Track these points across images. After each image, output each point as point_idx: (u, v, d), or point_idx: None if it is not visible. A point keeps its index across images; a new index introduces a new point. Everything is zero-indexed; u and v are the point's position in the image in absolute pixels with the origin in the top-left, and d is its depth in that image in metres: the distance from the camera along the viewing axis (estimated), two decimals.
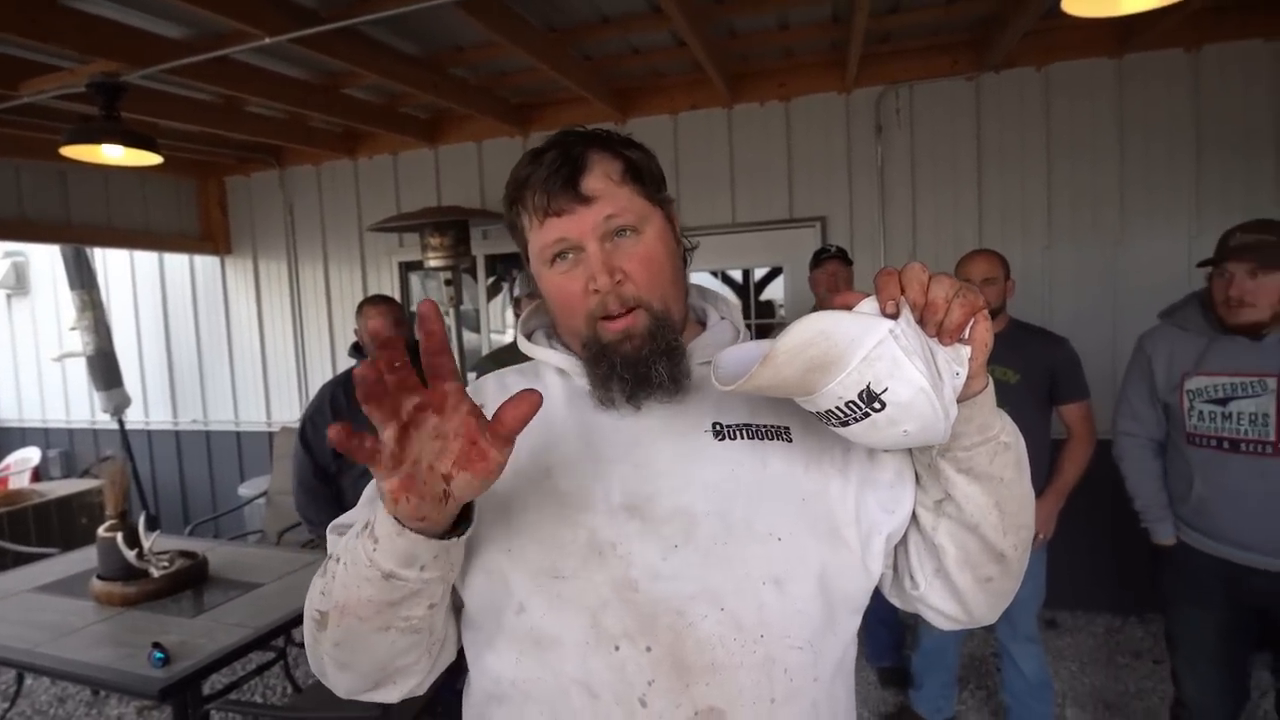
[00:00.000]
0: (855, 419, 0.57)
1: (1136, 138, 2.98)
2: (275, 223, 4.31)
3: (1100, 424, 3.03)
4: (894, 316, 0.55)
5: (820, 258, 2.71)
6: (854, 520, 0.68)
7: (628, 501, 0.66)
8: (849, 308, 0.57)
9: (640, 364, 0.68)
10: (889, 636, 2.76)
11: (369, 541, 0.57)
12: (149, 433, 4.74)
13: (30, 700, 2.94)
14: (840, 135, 3.33)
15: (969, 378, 0.59)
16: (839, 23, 2.80)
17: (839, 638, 0.69)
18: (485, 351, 4.08)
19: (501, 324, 4.33)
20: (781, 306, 3.77)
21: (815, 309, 2.66)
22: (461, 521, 0.59)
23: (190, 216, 4.36)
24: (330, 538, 0.73)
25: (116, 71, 2.32)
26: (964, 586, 0.70)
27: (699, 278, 0.83)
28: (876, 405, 0.55)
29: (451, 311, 3.46)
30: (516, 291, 2.63)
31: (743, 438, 0.69)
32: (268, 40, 2.13)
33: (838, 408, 0.57)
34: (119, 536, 2.18)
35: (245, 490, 3.99)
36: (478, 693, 0.72)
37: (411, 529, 0.55)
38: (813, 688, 0.66)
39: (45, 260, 4.91)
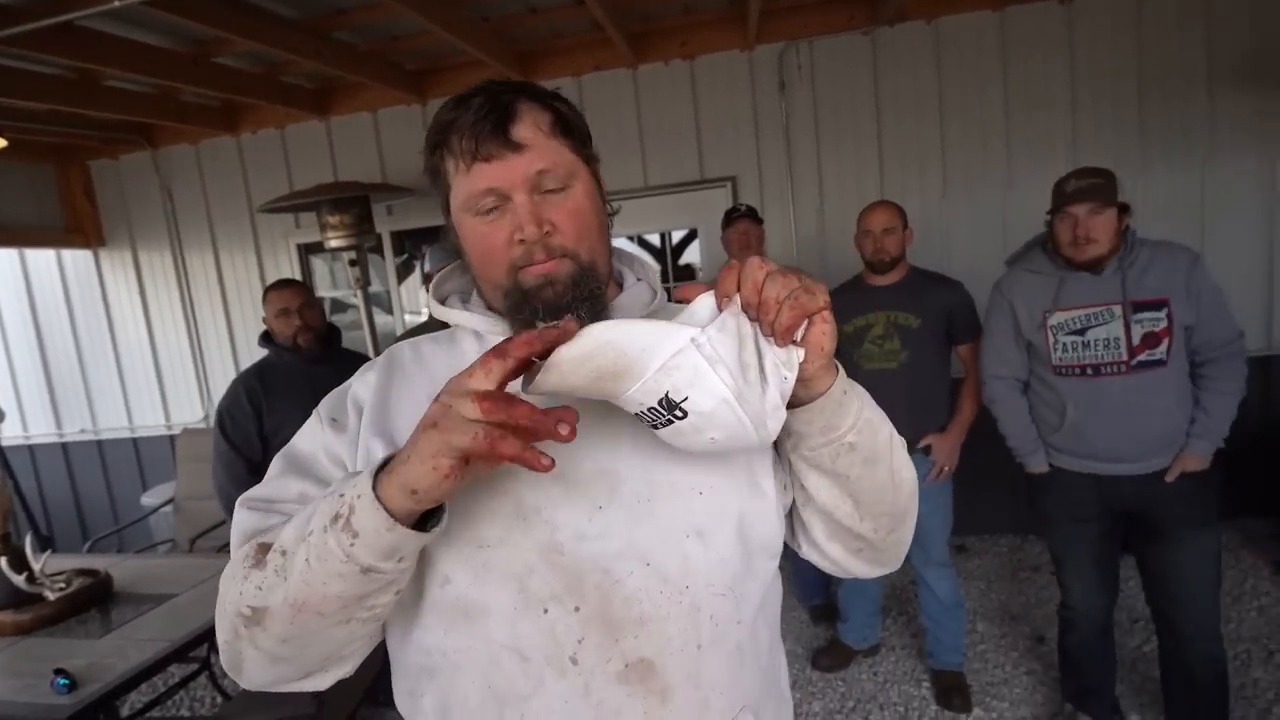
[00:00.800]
0: (661, 424, 0.57)
1: (1018, 87, 3.14)
2: (153, 209, 3.96)
3: None
4: (735, 314, 0.55)
5: (731, 217, 2.74)
6: (770, 470, 0.71)
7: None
8: (687, 300, 0.58)
9: (562, 310, 0.66)
10: (817, 576, 2.90)
11: (344, 536, 0.54)
12: (30, 447, 4.33)
13: None
14: (745, 93, 3.35)
15: (806, 379, 0.58)
16: None
17: (758, 581, 0.71)
18: (399, 333, 3.93)
19: (416, 303, 4.18)
20: (700, 269, 3.80)
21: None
22: (437, 510, 0.57)
23: (52, 206, 3.94)
24: (243, 515, 0.69)
25: None
26: (835, 555, 0.75)
27: (617, 244, 0.81)
28: (678, 413, 0.55)
29: (359, 294, 3.30)
30: (428, 267, 2.53)
31: None
32: (117, 3, 1.92)
33: (641, 413, 0.57)
34: (3, 561, 1.99)
35: (149, 499, 3.72)
36: (408, 666, 0.71)
37: (404, 522, 0.53)
38: (736, 630, 0.69)
39: None
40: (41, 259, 4.12)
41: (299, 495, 0.69)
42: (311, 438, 0.73)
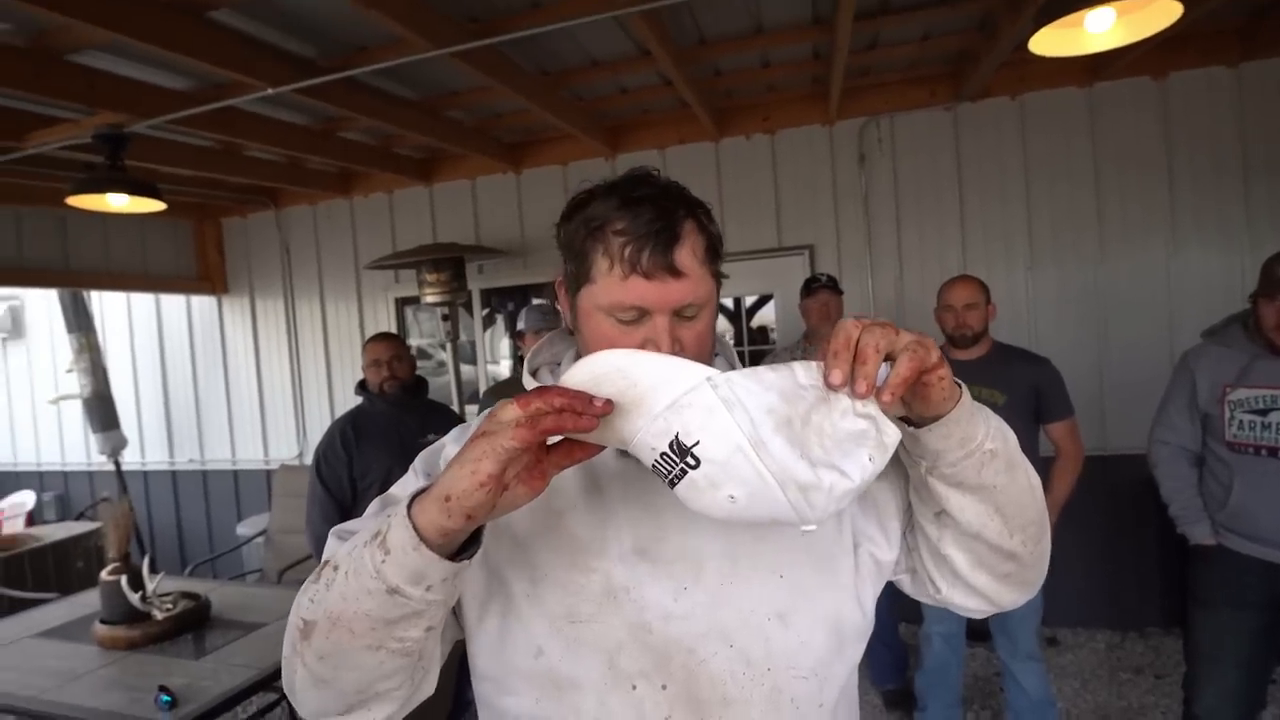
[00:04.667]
0: (676, 476, 0.53)
1: (1110, 163, 3.09)
2: (271, 262, 4.37)
3: (1089, 440, 3.09)
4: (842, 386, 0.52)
5: (811, 287, 2.78)
6: (850, 551, 0.72)
7: (637, 545, 0.69)
8: None
9: None
10: (891, 658, 2.76)
11: (378, 552, 0.56)
12: (145, 473, 4.73)
13: None
14: (825, 165, 3.43)
15: (929, 403, 0.57)
16: (819, 59, 2.91)
17: (844, 665, 0.72)
18: (483, 381, 4.12)
19: (495, 355, 4.38)
20: (773, 331, 3.83)
21: (806, 336, 2.69)
22: (471, 544, 0.59)
23: (187, 258, 4.42)
24: (330, 542, 0.71)
25: (121, 123, 2.39)
26: (982, 585, 0.70)
27: None
28: (690, 460, 0.51)
29: (449, 345, 3.51)
30: (522, 325, 2.67)
31: None
32: (270, 91, 2.20)
33: (656, 462, 0.54)
34: (123, 579, 2.18)
35: (243, 529, 3.98)
36: None
37: (430, 544, 0.55)
38: (817, 713, 0.70)
39: (41, 304, 4.95)
40: (173, 304, 4.59)
41: None
42: (404, 485, 0.77)
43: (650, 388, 0.53)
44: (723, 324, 3.98)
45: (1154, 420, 1.98)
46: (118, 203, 2.45)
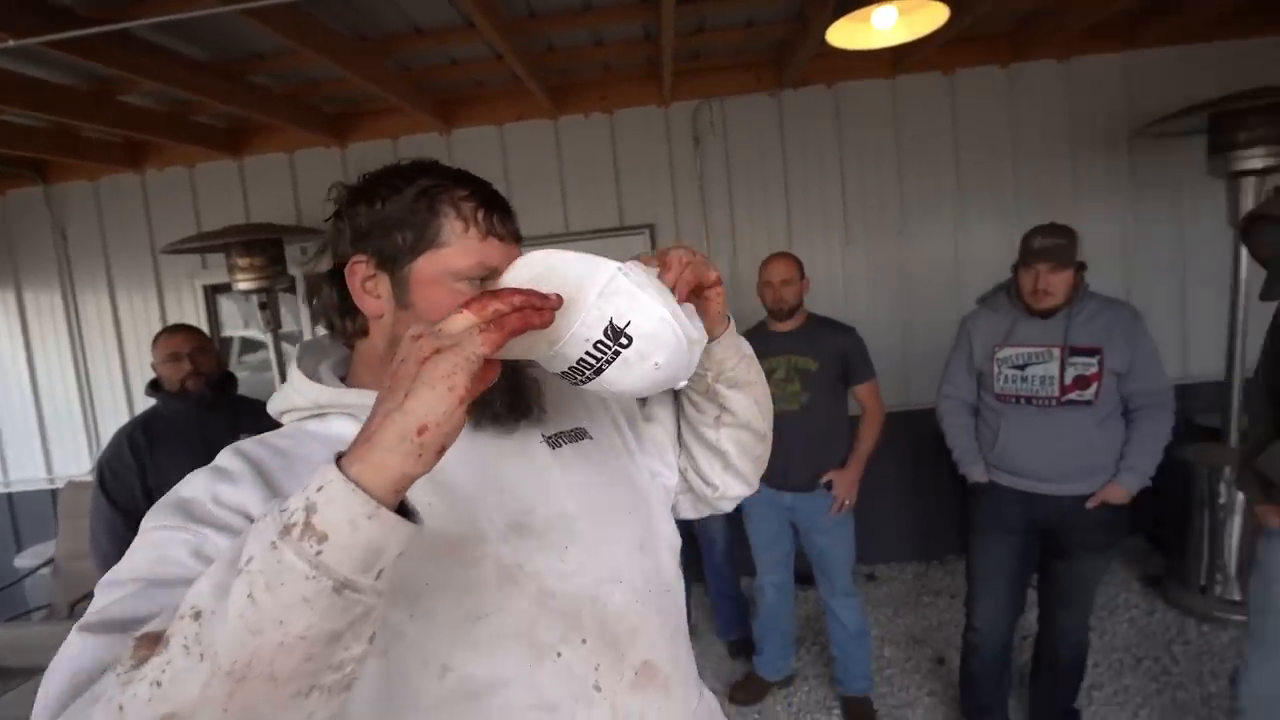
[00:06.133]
0: (608, 360, 0.59)
1: (909, 147, 3.45)
2: (43, 247, 3.73)
3: (894, 397, 3.45)
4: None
5: None
6: (649, 482, 0.87)
7: (512, 523, 0.70)
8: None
9: (518, 391, 0.74)
10: (734, 610, 2.97)
11: (307, 544, 0.43)
12: None
13: None
14: (662, 146, 3.52)
15: (713, 322, 0.76)
16: (650, 40, 2.96)
17: (680, 574, 0.86)
18: None
19: None
20: None
21: None
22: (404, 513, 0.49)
23: None
24: (85, 640, 0.50)
25: None
26: (746, 470, 0.90)
27: None
28: (624, 340, 0.58)
29: (269, 335, 3.21)
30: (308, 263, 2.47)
31: (566, 443, 0.79)
32: (12, 44, 1.85)
33: (588, 353, 0.59)
34: None
35: (24, 561, 3.42)
36: None
37: (387, 505, 0.45)
38: (680, 617, 0.83)
39: None
40: None
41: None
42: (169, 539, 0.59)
43: (578, 283, 0.58)
44: None
45: (941, 377, 2.27)
46: None
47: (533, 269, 0.59)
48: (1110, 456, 1.99)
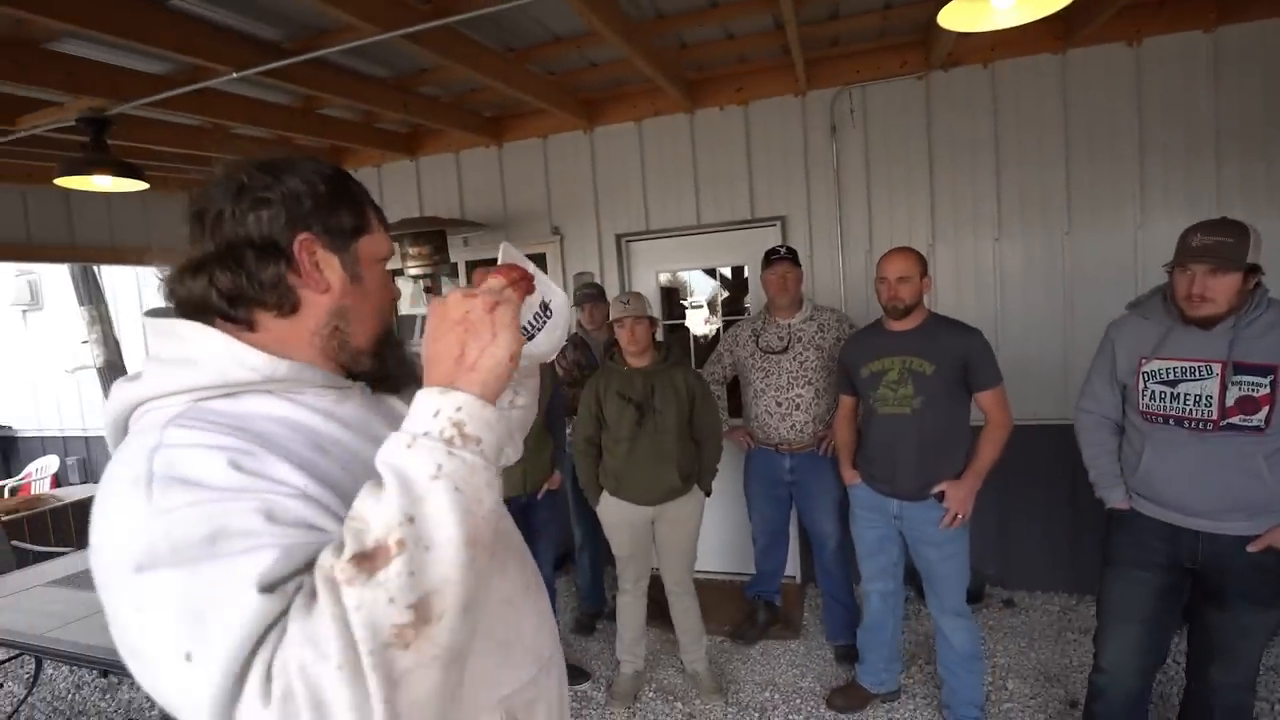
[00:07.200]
0: (538, 328, 0.94)
1: (1081, 131, 3.07)
2: None
3: (1051, 409, 3.12)
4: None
5: (770, 259, 2.84)
6: None
7: None
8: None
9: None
10: (845, 616, 2.88)
11: (468, 451, 0.58)
12: None
13: (50, 687, 3.17)
14: (797, 136, 3.45)
15: None
16: (781, 30, 2.92)
17: None
18: None
19: None
20: (749, 305, 3.90)
21: (766, 308, 2.79)
22: None
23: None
24: (264, 600, 0.53)
25: (102, 106, 2.51)
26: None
27: (683, 275, 1.18)
28: (549, 312, 0.94)
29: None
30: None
31: None
32: (234, 75, 2.30)
33: (529, 321, 0.93)
34: None
35: None
36: None
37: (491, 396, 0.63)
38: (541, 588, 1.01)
39: (57, 276, 5.18)
40: None
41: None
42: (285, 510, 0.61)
43: (534, 272, 0.88)
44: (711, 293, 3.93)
45: (1081, 390, 2.04)
46: (102, 183, 2.58)
47: (508, 255, 0.89)
48: None
